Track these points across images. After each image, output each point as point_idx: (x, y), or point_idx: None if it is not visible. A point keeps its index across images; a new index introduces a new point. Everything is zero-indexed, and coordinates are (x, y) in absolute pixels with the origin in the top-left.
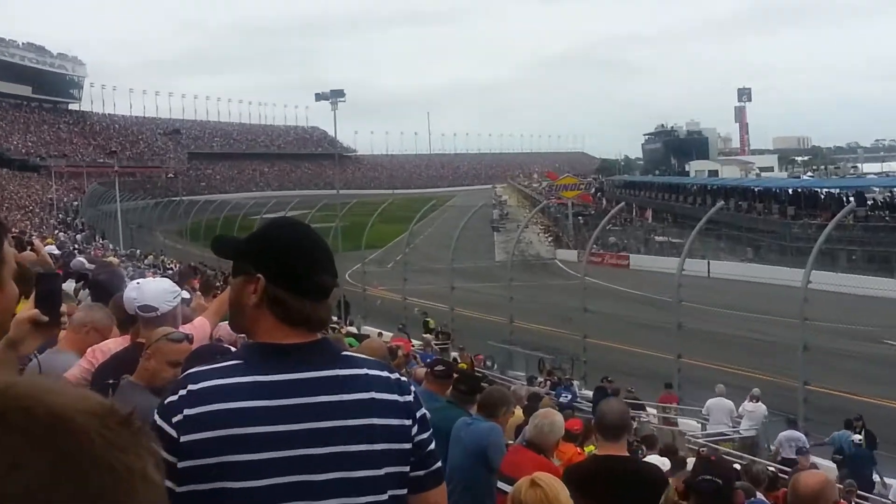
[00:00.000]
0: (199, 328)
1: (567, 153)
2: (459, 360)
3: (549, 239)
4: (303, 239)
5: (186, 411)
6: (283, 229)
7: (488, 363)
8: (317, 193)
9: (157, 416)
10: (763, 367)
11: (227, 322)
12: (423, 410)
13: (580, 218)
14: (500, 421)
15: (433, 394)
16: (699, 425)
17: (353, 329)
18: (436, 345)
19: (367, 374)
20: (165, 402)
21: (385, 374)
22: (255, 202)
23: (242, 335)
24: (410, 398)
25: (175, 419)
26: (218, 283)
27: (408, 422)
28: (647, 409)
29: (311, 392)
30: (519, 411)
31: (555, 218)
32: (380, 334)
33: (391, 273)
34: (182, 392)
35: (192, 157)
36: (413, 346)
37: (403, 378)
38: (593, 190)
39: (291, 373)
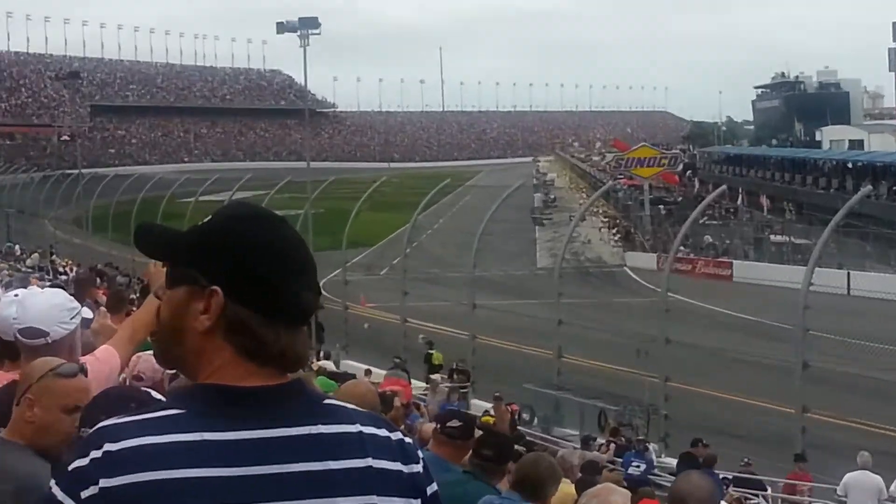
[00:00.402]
0: (105, 361)
1: (644, 113)
2: (486, 413)
3: (617, 237)
4: (279, 237)
5: (103, 482)
6: (250, 222)
7: (525, 416)
8: (278, 166)
9: (56, 489)
10: None
11: (149, 353)
12: (435, 486)
13: (662, 207)
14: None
15: (445, 461)
16: None
17: (329, 364)
18: (449, 388)
19: (360, 433)
20: (70, 468)
21: (383, 432)
22: (188, 178)
23: (173, 371)
24: (419, 468)
25: (86, 494)
26: (133, 296)
27: (415, 502)
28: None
29: (285, 458)
30: (568, 487)
31: (624, 206)
32: (367, 373)
33: (385, 283)
34: (95, 454)
35: (95, 111)
36: (414, 390)
37: (408, 439)
38: (681, 166)
39: (257, 429)
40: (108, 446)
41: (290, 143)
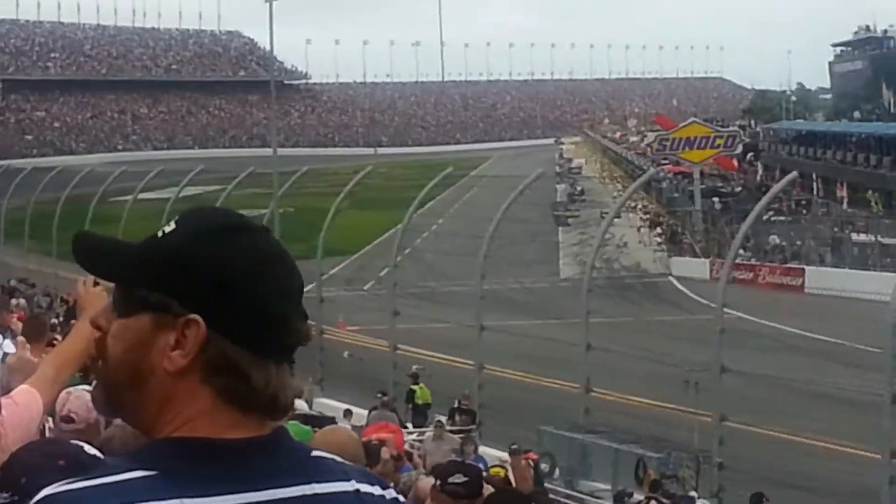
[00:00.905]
0: (25, 405)
1: (694, 80)
2: (497, 464)
3: (660, 239)
4: (268, 252)
5: None
6: (233, 234)
7: (544, 466)
8: (237, 154)
9: None
10: None
11: (82, 388)
12: None
13: (716, 200)
14: None
15: None
16: None
17: (301, 404)
18: (463, 438)
19: (357, 492)
20: None
21: (378, 490)
22: (124, 171)
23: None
24: None
25: None
26: (55, 320)
27: None
28: None
29: None
30: None
31: (670, 200)
32: (347, 414)
33: (370, 301)
34: None
35: (7, 87)
36: (407, 436)
37: (401, 497)
38: (740, 148)
39: (246, 492)
40: None
41: (251, 125)
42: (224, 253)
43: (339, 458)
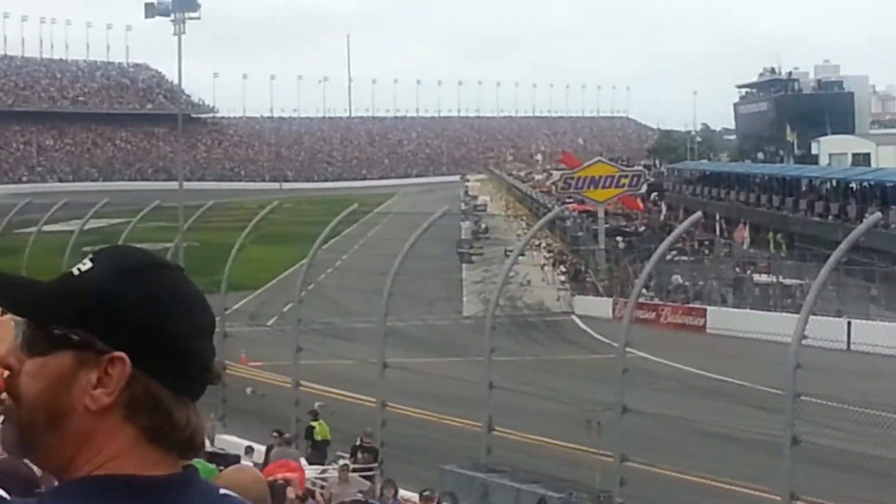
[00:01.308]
0: None
1: (600, 119)
2: None
3: (563, 277)
4: (186, 290)
5: None
6: (155, 272)
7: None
8: (142, 187)
9: None
10: None
11: None
12: None
13: (620, 239)
14: None
15: None
16: None
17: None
18: (383, 482)
19: None
20: None
21: None
22: (29, 202)
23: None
24: None
25: None
26: None
27: None
28: None
29: None
30: None
31: (574, 238)
32: (248, 451)
33: (273, 336)
34: None
35: None
36: (309, 474)
37: None
38: (645, 188)
39: None
40: None
41: (157, 158)
42: (146, 292)
43: (242, 498)
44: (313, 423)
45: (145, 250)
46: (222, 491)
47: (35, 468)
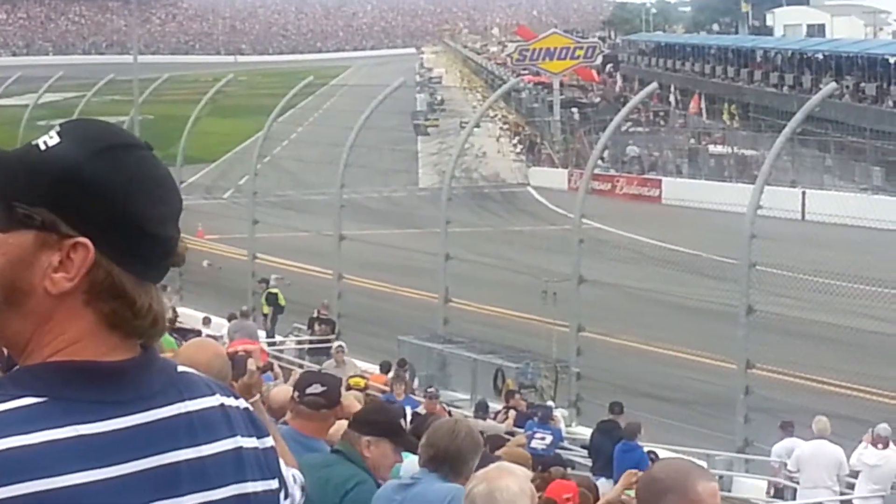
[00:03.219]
0: None
1: None
2: (356, 375)
3: (519, 149)
4: (153, 170)
5: None
6: (123, 151)
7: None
8: (96, 61)
9: None
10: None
11: None
12: (285, 467)
13: (575, 111)
14: (464, 482)
15: (306, 437)
16: (775, 485)
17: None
18: (405, 382)
19: (222, 405)
20: None
21: (233, 401)
22: None
23: None
24: (271, 441)
25: None
26: None
27: (274, 484)
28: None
29: (162, 445)
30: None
31: (529, 110)
32: (206, 322)
33: (229, 209)
34: None
35: None
36: (270, 349)
37: (251, 408)
38: (600, 59)
39: (132, 414)
40: None
41: (112, 32)
42: (115, 173)
43: (199, 373)
44: (270, 289)
45: (116, 127)
46: (180, 368)
47: None
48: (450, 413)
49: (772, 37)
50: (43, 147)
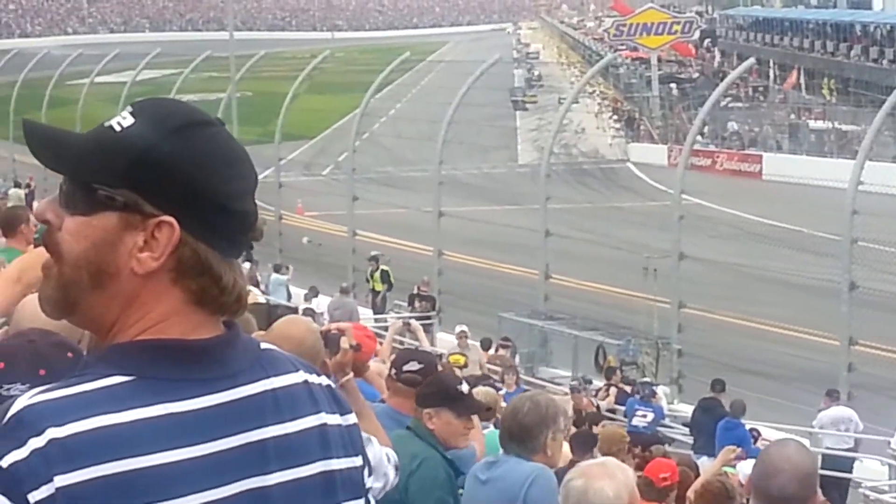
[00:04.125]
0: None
1: None
2: (458, 353)
3: (618, 124)
4: (230, 148)
5: (60, 480)
6: (199, 129)
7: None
8: (193, 38)
9: None
10: None
11: (34, 297)
12: (380, 446)
13: (674, 86)
14: (547, 459)
15: (401, 414)
16: (887, 469)
17: (258, 293)
18: (413, 319)
19: (306, 382)
20: (4, 464)
21: (318, 379)
22: (81, 54)
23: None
24: (354, 419)
25: (36, 497)
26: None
27: (358, 461)
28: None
29: (249, 422)
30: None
31: (627, 86)
32: (312, 294)
33: (328, 185)
34: (35, 443)
35: None
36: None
37: (333, 385)
38: (697, 34)
39: (221, 391)
40: (51, 431)
41: (207, 8)
42: (193, 150)
43: (283, 351)
44: (381, 267)
45: (187, 104)
46: (263, 345)
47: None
48: (597, 407)
49: (870, 10)
50: (118, 128)
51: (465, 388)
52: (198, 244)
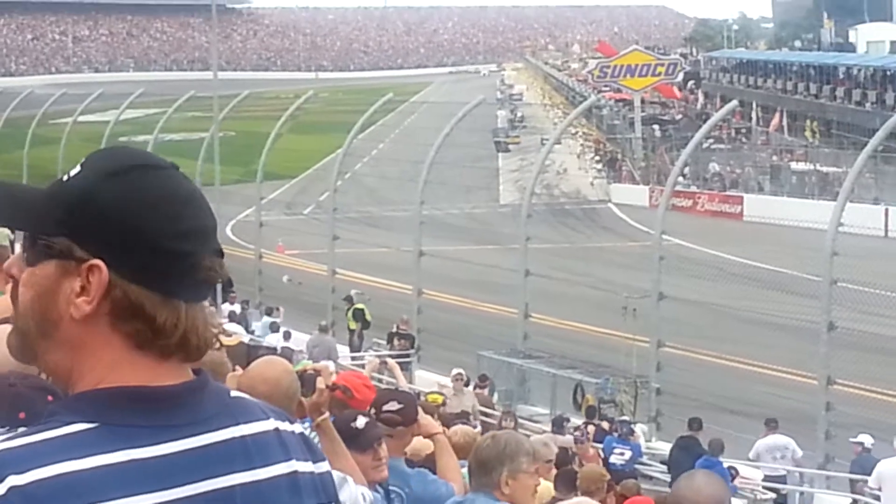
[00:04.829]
0: None
1: (636, 7)
2: (436, 392)
3: (600, 165)
4: (172, 191)
5: None
6: (135, 173)
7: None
8: (177, 77)
9: None
10: None
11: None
12: (354, 486)
13: (656, 127)
14: (507, 497)
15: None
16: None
17: (238, 330)
18: (392, 356)
19: (277, 430)
20: None
21: (289, 426)
22: (65, 93)
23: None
24: (326, 466)
25: None
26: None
27: None
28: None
29: (217, 469)
30: (544, 484)
31: (610, 127)
32: (288, 336)
33: (309, 225)
34: None
35: None
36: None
37: (307, 432)
38: (681, 76)
39: (185, 437)
40: (11, 479)
41: (193, 48)
42: (125, 193)
43: (255, 401)
44: (356, 305)
45: (139, 151)
46: (234, 393)
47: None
48: (605, 459)
49: (854, 53)
50: (66, 178)
51: (359, 423)
52: (129, 286)
